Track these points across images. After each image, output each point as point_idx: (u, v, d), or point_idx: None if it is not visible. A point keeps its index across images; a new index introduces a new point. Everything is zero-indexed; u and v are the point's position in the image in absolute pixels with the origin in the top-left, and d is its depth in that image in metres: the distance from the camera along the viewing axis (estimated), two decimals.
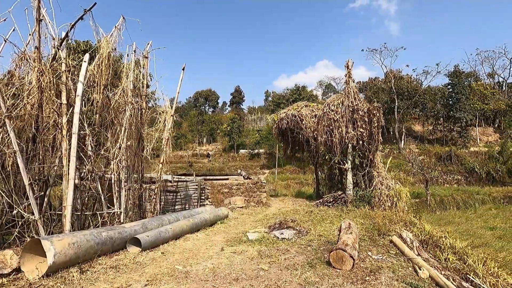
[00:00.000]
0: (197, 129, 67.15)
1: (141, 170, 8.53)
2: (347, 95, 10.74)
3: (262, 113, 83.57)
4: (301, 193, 21.82)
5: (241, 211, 11.30)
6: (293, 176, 34.79)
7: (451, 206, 26.83)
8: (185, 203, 12.12)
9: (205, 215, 8.62)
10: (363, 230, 6.91)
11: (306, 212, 9.28)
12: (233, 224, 9.14)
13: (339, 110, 10.81)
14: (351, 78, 10.81)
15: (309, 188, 27.62)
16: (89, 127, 6.52)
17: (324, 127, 11.24)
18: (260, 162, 50.29)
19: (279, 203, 13.88)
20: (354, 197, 10.57)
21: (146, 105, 8.96)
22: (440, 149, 42.04)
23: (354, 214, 8.62)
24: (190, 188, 12.20)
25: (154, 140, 8.58)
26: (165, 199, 11.94)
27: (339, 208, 9.64)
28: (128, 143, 7.20)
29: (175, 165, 48.69)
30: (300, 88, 43.45)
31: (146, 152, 8.43)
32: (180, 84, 8.79)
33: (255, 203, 12.31)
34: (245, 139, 59.77)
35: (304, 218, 8.50)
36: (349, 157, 10.85)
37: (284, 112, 12.90)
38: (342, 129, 10.67)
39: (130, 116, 7.29)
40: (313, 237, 6.67)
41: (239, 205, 11.82)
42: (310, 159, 15.46)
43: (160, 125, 8.88)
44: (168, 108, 8.80)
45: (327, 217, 8.44)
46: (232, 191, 12.47)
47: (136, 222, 6.63)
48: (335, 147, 10.85)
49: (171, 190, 11.96)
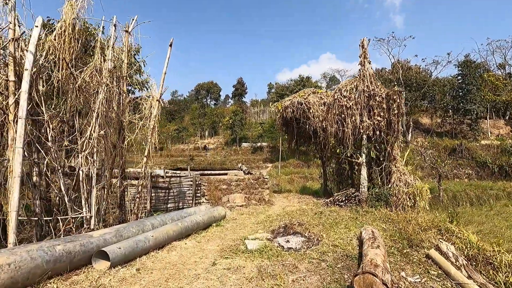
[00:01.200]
0: (199, 122, 65.86)
1: (122, 165, 7.27)
2: (362, 78, 9.36)
3: (265, 106, 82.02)
4: (306, 188, 20.56)
5: (241, 211, 10.06)
6: (297, 170, 33.48)
7: (464, 202, 25.54)
8: (178, 200, 10.90)
9: (197, 217, 7.38)
10: (388, 238, 5.63)
11: (316, 214, 8.01)
12: (231, 227, 7.90)
13: (352, 96, 9.44)
14: (367, 59, 9.40)
15: (314, 183, 26.35)
16: (49, 112, 5.25)
17: (335, 115, 9.89)
18: (263, 155, 49.04)
19: (283, 200, 12.63)
20: (369, 195, 9.27)
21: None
22: (450, 142, 40.49)
23: (372, 217, 7.33)
24: (184, 184, 10.97)
25: (138, 129, 7.30)
26: (156, 197, 10.74)
27: (353, 209, 8.34)
28: (102, 132, 5.93)
29: (176, 159, 47.64)
30: (305, 79, 41.80)
31: (127, 143, 7.16)
32: (167, 63, 7.46)
33: (257, 201, 11.07)
34: (248, 132, 58.44)
35: (313, 221, 7.23)
36: (363, 149, 9.52)
37: (289, 100, 11.54)
38: (356, 118, 9.32)
39: (104, 99, 6.00)
40: (326, 247, 5.40)
41: (238, 204, 10.58)
42: (316, 152, 14.14)
43: (146, 112, 7.60)
44: (154, 92, 7.50)
45: (341, 220, 7.15)
46: (231, 188, 11.23)
47: (109, 229, 5.40)
48: (347, 138, 9.52)
49: (163, 187, 10.74)
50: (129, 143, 7.19)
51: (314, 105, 11.05)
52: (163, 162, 44.99)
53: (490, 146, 39.36)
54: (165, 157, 50.28)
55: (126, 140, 7.13)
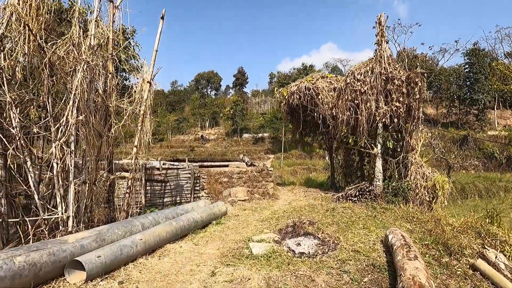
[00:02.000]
0: (199, 112, 64.83)
1: (109, 156, 6.41)
2: (379, 59, 8.38)
3: (266, 96, 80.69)
4: (311, 180, 19.75)
5: (243, 206, 9.24)
6: (300, 162, 32.70)
7: (473, 194, 24.80)
8: (176, 194, 10.08)
9: (195, 215, 6.56)
10: (418, 242, 4.79)
11: (327, 211, 7.17)
12: (233, 225, 7.09)
13: (367, 80, 8.48)
14: (384, 37, 8.41)
15: (318, 174, 25.57)
16: (13, 92, 4.34)
17: (347, 101, 8.96)
18: (264, 146, 48.20)
19: (288, 194, 11.81)
20: (385, 189, 8.43)
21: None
22: (456, 133, 39.52)
23: (393, 215, 6.49)
24: (182, 177, 10.13)
25: (127, 115, 6.40)
26: (152, 190, 9.91)
27: (369, 205, 7.50)
28: (81, 118, 5.03)
29: (176, 150, 46.86)
30: (308, 68, 40.51)
31: (115, 131, 6.28)
32: (159, 39, 6.49)
33: (260, 195, 10.25)
34: (249, 123, 57.47)
35: (326, 219, 6.40)
36: (378, 139, 8.63)
37: (295, 85, 10.57)
38: (371, 104, 8.38)
39: (83, 80, 5.08)
40: (346, 253, 4.56)
41: (241, 198, 9.76)
42: (323, 142, 13.24)
43: (136, 96, 6.69)
44: (145, 73, 6.57)
45: (357, 219, 6.30)
46: (232, 181, 10.39)
47: (89, 231, 4.57)
48: (361, 127, 8.61)
49: (159, 180, 9.90)
50: (117, 131, 6.30)
51: (323, 90, 10.09)
52: (163, 153, 44.22)
53: (498, 137, 38.38)
54: (165, 148, 49.52)
55: (113, 128, 6.24)
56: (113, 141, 6.58)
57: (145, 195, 9.72)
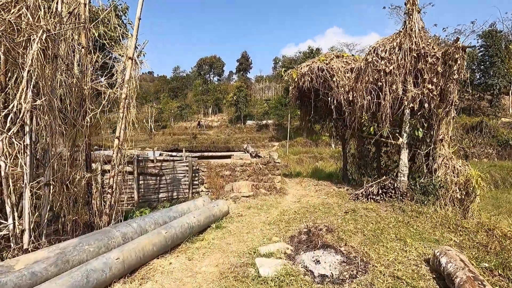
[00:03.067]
0: (202, 99, 63.40)
1: (86, 149, 5.31)
2: (408, 33, 7.04)
3: (270, 82, 78.65)
4: (318, 170, 18.66)
5: (248, 203, 8.19)
6: (306, 150, 31.54)
7: (489, 184, 23.59)
8: (172, 189, 9.05)
9: (191, 219, 5.51)
10: (475, 265, 3.67)
11: (347, 212, 6.08)
12: (235, 228, 6.04)
13: (393, 58, 7.18)
14: (416, 5, 7.03)
15: (325, 163, 24.46)
16: None
17: (368, 84, 7.70)
18: (269, 134, 47.02)
19: (296, 187, 10.73)
20: (410, 186, 7.29)
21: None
22: (469, 119, 37.90)
23: (429, 221, 5.36)
24: (179, 169, 9.06)
25: (106, 99, 5.27)
26: (146, 185, 8.89)
27: (396, 206, 6.37)
28: (40, 102, 3.90)
29: (178, 137, 45.95)
30: (314, 51, 38.62)
31: (92, 119, 5.16)
32: (142, 3, 5.23)
33: (266, 190, 9.18)
34: (253, 109, 56.13)
35: (347, 225, 5.32)
36: (405, 127, 7.42)
37: (306, 66, 9.27)
38: (398, 86, 7.12)
39: (40, 53, 3.91)
40: (382, 280, 3.47)
41: (244, 194, 8.70)
42: (336, 130, 12.02)
43: (118, 77, 5.53)
44: (127, 48, 5.37)
45: (386, 226, 5.19)
46: (235, 174, 9.31)
47: (50, 249, 3.52)
48: (384, 113, 7.38)
49: (153, 173, 8.85)
50: (94, 119, 5.19)
51: (338, 71, 8.81)
52: (165, 140, 43.30)
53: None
54: (167, 135, 48.63)
55: (89, 115, 5.11)
56: (91, 131, 5.47)
57: (138, 190, 8.71)
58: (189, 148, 34.90)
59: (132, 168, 8.69)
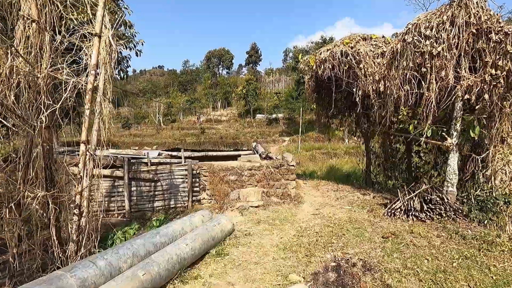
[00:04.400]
0: (211, 92, 62.20)
1: (44, 156, 4.05)
2: (464, 3, 5.45)
3: (280, 75, 76.67)
4: (334, 169, 17.16)
5: (257, 215, 6.86)
6: (318, 145, 29.92)
7: None
8: (169, 197, 7.80)
9: (182, 248, 4.22)
10: None
11: (386, 238, 4.65)
12: (241, 257, 4.71)
13: (442, 36, 5.61)
14: None
15: (340, 160, 22.88)
16: None
17: (405, 70, 6.16)
18: (279, 128, 45.50)
19: (313, 193, 9.32)
20: (461, 199, 5.79)
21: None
22: None
23: (508, 258, 3.88)
24: (176, 174, 7.79)
25: (69, 91, 3.97)
26: (139, 192, 7.67)
27: (451, 230, 4.86)
28: None
29: (186, 132, 44.97)
30: (328, 40, 36.54)
31: (51, 119, 3.89)
32: None
33: (279, 198, 7.82)
34: (262, 103, 54.64)
35: (391, 261, 3.91)
36: (455, 125, 5.88)
37: (327, 50, 7.75)
38: (448, 72, 5.57)
39: None
40: None
41: (253, 203, 7.36)
42: (359, 126, 10.48)
43: (89, 62, 4.22)
44: (100, 26, 4.03)
45: (449, 266, 3.74)
46: (242, 179, 7.97)
47: None
48: (427, 106, 5.86)
49: (147, 178, 7.61)
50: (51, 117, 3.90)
51: (366, 57, 7.29)
52: (173, 135, 42.41)
53: None
54: (176, 130, 47.77)
55: (46, 113, 3.83)
56: (53, 132, 4.20)
57: (130, 198, 7.49)
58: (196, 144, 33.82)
59: (123, 173, 7.47)
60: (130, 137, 40.06)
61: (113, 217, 7.45)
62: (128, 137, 39.89)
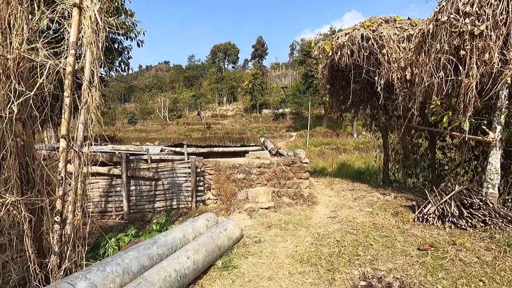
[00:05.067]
0: (216, 87, 61.48)
1: (18, 155, 3.40)
2: None
3: (287, 69, 75.41)
4: (345, 165, 16.37)
5: (268, 218, 6.18)
6: (327, 141, 29.07)
7: None
8: (171, 197, 7.17)
9: (182, 261, 3.56)
10: None
11: (423, 251, 3.92)
12: (251, 271, 4.03)
13: (486, 12, 4.79)
14: None
15: (350, 156, 22.05)
16: None
17: (439, 55, 5.35)
18: (286, 123, 44.66)
19: (327, 192, 8.59)
20: (506, 202, 5.01)
21: None
22: None
23: None
24: (179, 172, 7.14)
25: (45, 75, 3.31)
26: (138, 191, 7.04)
27: (502, 241, 4.09)
28: None
29: (192, 127, 44.46)
30: (337, 32, 35.26)
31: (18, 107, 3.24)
32: None
33: (291, 199, 7.12)
34: (269, 98, 53.76)
35: (436, 282, 3.18)
36: (498, 117, 5.07)
37: (345, 34, 6.93)
38: (492, 55, 4.76)
39: None
40: None
41: (263, 204, 6.68)
42: (374, 119, 9.66)
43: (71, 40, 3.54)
44: None
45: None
46: (251, 178, 7.28)
47: None
48: (467, 95, 5.05)
49: (147, 177, 6.97)
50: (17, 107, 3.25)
51: (389, 41, 6.48)
52: (178, 130, 41.92)
53: None
54: (181, 125, 47.32)
55: (17, 102, 3.17)
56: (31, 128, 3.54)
57: (128, 199, 6.88)
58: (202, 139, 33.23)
59: (120, 171, 6.85)
60: (135, 132, 39.70)
61: (111, 219, 6.85)
62: (133, 132, 39.53)
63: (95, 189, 6.95)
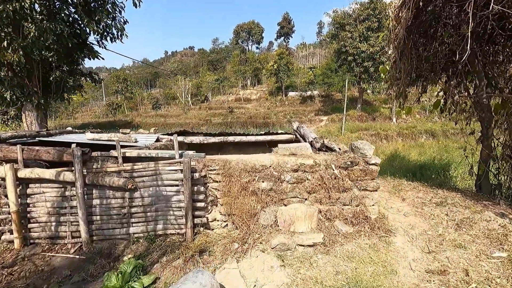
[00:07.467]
0: (240, 69, 58.32)
1: None
2: None
3: (315, 49, 70.12)
4: (397, 157, 12.97)
5: (314, 269, 3.37)
6: (365, 125, 25.27)
7: None
8: (155, 217, 4.53)
9: None
10: None
11: None
12: None
13: None
14: None
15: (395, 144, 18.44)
16: None
17: None
18: (314, 106, 40.82)
19: (396, 204, 5.55)
20: None
21: None
22: None
23: None
24: (165, 179, 4.46)
25: None
26: (105, 209, 4.48)
27: None
28: None
29: (214, 111, 42.09)
30: (375, 1, 30.30)
31: None
32: None
33: (349, 224, 4.23)
34: (295, 80, 49.77)
35: None
36: None
37: None
38: None
39: None
40: None
41: (303, 237, 3.87)
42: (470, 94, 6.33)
43: None
44: None
45: None
46: (281, 187, 4.46)
47: None
48: None
49: (117, 185, 4.36)
50: None
51: None
52: (198, 115, 39.73)
53: None
54: (203, 110, 45.15)
55: None
56: None
57: (86, 220, 4.32)
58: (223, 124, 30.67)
59: (74, 176, 4.28)
60: (155, 117, 38.12)
61: (62, 251, 4.38)
62: (153, 117, 37.96)
63: (40, 203, 4.48)
